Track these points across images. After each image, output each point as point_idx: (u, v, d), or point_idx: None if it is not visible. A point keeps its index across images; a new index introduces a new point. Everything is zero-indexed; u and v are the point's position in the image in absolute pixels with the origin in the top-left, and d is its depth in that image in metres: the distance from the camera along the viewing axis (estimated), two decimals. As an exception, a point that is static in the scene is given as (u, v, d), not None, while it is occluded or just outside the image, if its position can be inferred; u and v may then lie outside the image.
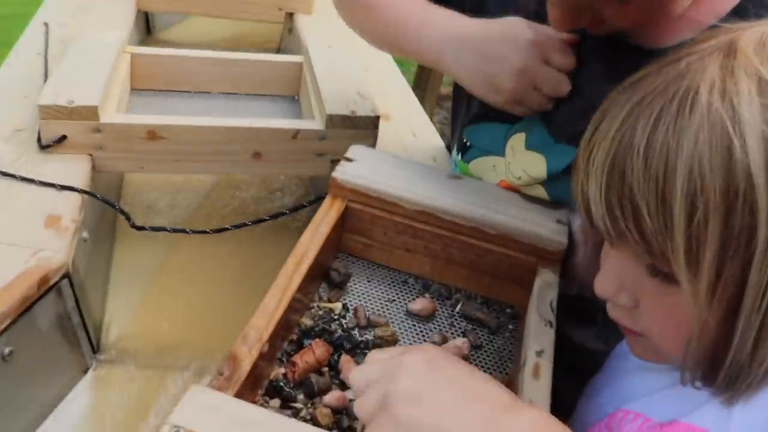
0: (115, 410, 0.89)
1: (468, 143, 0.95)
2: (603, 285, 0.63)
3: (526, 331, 0.74)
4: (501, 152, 0.91)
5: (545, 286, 0.79)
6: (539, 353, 0.70)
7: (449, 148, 1.21)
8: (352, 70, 1.22)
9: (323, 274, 0.82)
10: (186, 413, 0.53)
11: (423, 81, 2.99)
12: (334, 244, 0.85)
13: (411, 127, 1.30)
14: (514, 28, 0.83)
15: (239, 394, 0.60)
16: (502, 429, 0.52)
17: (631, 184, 0.54)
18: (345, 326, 0.77)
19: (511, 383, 0.74)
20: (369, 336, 0.76)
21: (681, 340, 0.58)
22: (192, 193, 1.25)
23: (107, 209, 1.04)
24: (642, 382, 0.71)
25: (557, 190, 0.88)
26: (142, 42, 1.74)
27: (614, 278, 0.62)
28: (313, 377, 0.69)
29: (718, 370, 0.56)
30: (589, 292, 0.86)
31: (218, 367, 0.61)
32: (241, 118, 1.06)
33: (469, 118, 0.95)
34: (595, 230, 0.60)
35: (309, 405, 0.68)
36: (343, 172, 0.84)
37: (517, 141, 0.89)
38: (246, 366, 0.62)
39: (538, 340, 0.71)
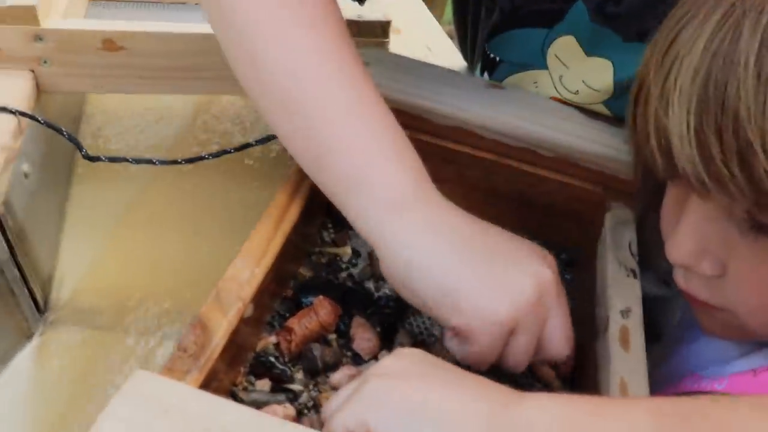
0: (66, 381, 0.73)
1: (497, 58, 0.76)
2: (681, 250, 0.49)
3: (600, 284, 0.56)
4: (542, 64, 0.73)
5: (620, 224, 0.61)
6: (625, 313, 0.52)
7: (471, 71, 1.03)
8: (352, -28, 1.02)
9: (326, 210, 0.63)
10: (123, 416, 0.34)
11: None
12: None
13: (425, 41, 1.11)
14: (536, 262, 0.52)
15: (211, 377, 0.42)
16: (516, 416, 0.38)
17: (737, 111, 0.41)
18: (357, 277, 0.58)
19: (584, 353, 0.55)
20: (388, 290, 0.58)
21: None
22: (170, 122, 1.05)
23: (61, 140, 0.85)
24: (715, 348, 0.58)
25: (622, 106, 0.69)
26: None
27: (696, 240, 0.49)
28: (316, 348, 0.51)
29: None
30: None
31: (179, 341, 0.42)
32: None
33: (490, 28, 0.75)
34: (675, 177, 0.46)
35: (311, 386, 0.50)
36: (351, 78, 0.64)
37: (566, 47, 0.71)
38: (220, 337, 0.44)
39: (621, 295, 0.53)
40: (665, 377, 0.59)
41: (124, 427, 0.34)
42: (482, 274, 0.48)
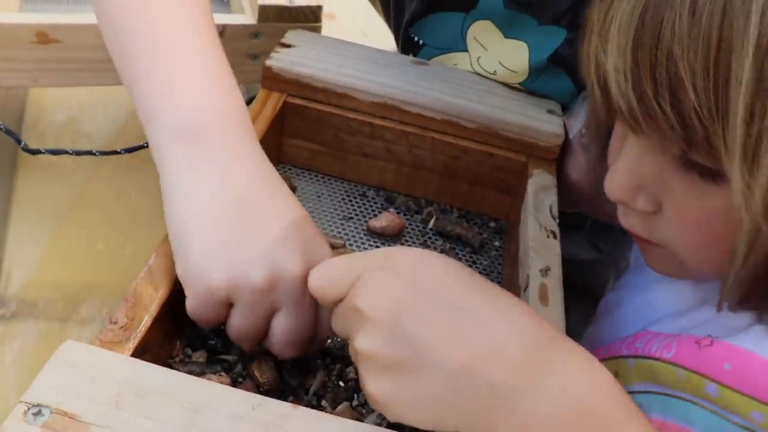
0: (18, 375, 0.72)
1: (420, 41, 0.77)
2: (616, 185, 0.49)
3: (522, 246, 0.58)
4: (462, 47, 0.75)
5: (541, 190, 0.63)
6: (545, 272, 0.54)
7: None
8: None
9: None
10: (52, 384, 0.36)
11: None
12: (273, 153, 0.67)
13: (360, 26, 1.12)
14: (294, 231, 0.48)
15: (142, 348, 0.44)
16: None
17: (671, 46, 0.40)
18: (291, 252, 0.60)
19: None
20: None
21: (717, 253, 0.46)
22: (114, 114, 1.05)
23: (1, 136, 0.85)
24: (667, 298, 0.57)
25: (539, 86, 0.72)
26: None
27: (631, 176, 0.48)
28: None
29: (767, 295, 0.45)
30: (590, 210, 0.71)
31: (112, 314, 0.44)
32: (154, 15, 0.87)
33: (411, 14, 0.77)
34: (611, 116, 0.46)
35: (246, 356, 0.51)
36: (279, 59, 0.66)
37: (484, 30, 0.73)
38: (152, 309, 0.45)
39: (541, 255, 0.56)
40: (614, 327, 0.60)
41: (53, 393, 0.36)
42: (222, 235, 0.46)
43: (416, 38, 0.76)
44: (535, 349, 0.37)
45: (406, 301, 0.38)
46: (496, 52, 0.73)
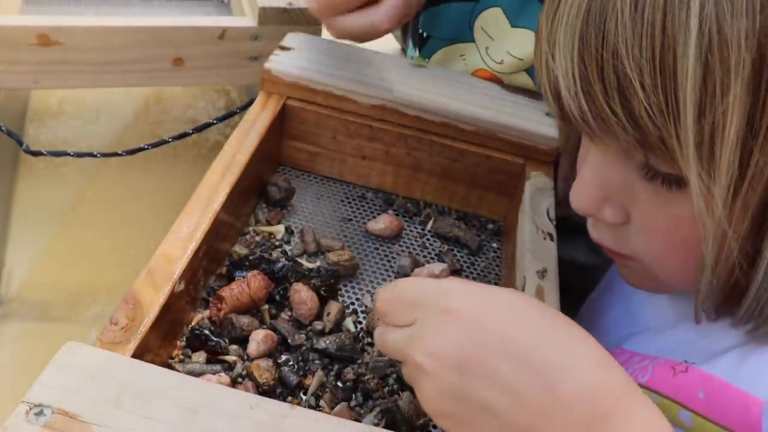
0: (15, 372, 0.73)
1: (425, 34, 0.78)
2: (581, 196, 0.47)
3: (519, 248, 0.59)
4: (469, 37, 0.75)
5: (538, 192, 0.63)
6: (541, 274, 0.55)
7: (404, 52, 1.05)
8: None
9: (259, 191, 0.65)
10: (54, 384, 0.37)
11: None
12: (273, 155, 0.67)
13: (361, 28, 1.11)
14: None
15: (143, 349, 0.44)
16: None
17: (616, 44, 0.39)
18: (290, 254, 0.61)
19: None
20: (321, 262, 0.60)
21: (688, 264, 0.45)
22: (117, 117, 1.06)
23: (3, 137, 0.86)
24: (646, 311, 0.57)
25: None
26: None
27: (596, 187, 0.47)
28: (236, 319, 0.52)
29: (740, 299, 0.44)
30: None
31: (111, 315, 0.45)
32: (155, 17, 0.88)
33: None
34: (568, 124, 0.44)
35: (245, 358, 0.52)
36: (278, 62, 0.67)
37: (492, 19, 0.73)
38: (152, 311, 0.46)
39: (538, 257, 0.56)
40: (598, 335, 0.61)
41: (55, 394, 0.36)
42: None
43: (422, 31, 0.77)
44: (599, 403, 0.36)
45: (467, 358, 0.37)
46: (503, 42, 0.73)
